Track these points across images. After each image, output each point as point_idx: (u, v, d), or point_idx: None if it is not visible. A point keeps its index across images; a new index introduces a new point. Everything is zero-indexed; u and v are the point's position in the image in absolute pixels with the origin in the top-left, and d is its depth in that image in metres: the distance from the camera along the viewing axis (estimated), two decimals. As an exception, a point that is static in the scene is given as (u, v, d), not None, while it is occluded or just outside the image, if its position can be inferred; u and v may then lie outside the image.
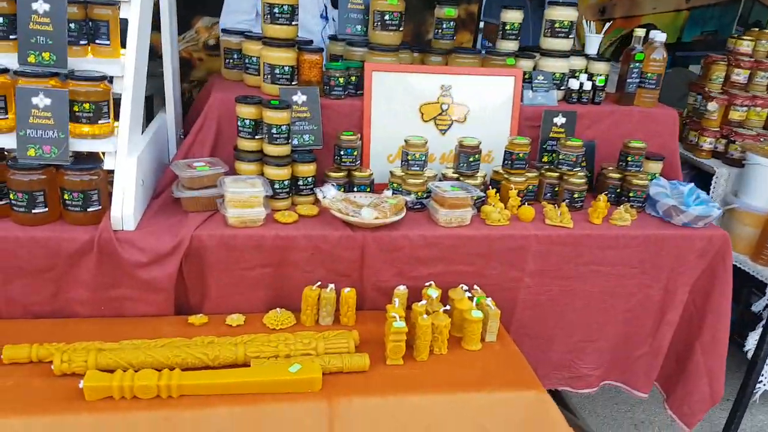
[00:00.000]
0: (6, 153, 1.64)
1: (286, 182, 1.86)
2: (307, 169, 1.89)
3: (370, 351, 1.59)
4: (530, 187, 2.10)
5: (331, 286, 1.71)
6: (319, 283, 1.73)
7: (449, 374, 1.58)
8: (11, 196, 1.58)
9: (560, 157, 2.09)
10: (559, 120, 2.18)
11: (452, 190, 1.88)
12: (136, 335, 1.57)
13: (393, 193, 1.92)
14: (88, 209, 1.63)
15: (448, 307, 1.67)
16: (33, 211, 1.59)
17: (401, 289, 1.76)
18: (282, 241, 1.71)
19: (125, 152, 1.65)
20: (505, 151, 2.08)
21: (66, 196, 1.61)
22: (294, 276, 1.75)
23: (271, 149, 1.83)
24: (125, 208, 1.63)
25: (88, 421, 1.31)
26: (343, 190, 1.94)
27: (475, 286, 1.84)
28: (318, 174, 1.93)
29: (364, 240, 1.77)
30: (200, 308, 1.73)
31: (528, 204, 2.02)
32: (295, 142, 1.92)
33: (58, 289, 1.62)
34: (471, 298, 1.76)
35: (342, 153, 1.94)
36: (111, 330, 1.59)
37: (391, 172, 2.01)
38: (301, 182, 1.90)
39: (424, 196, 1.96)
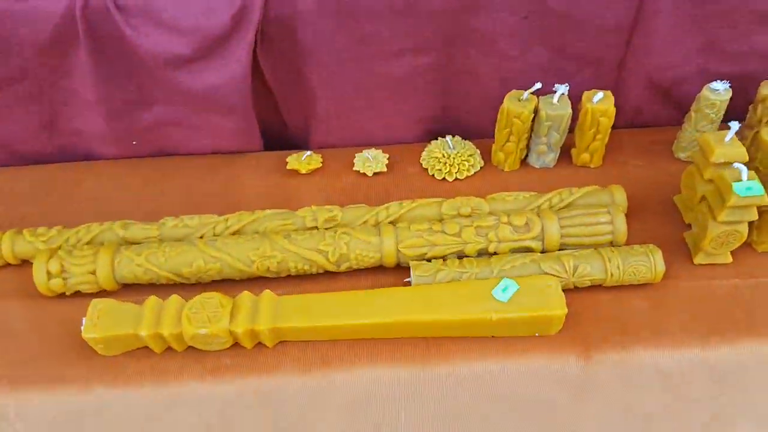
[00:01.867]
0: None
1: None
2: None
3: (649, 233, 0.75)
4: None
5: (562, 88, 0.79)
6: (538, 85, 0.80)
7: None
8: None
9: None
10: None
11: None
12: (194, 193, 0.86)
13: None
14: (57, -53, 0.78)
15: None
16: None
17: (721, 91, 0.79)
18: (455, -7, 0.77)
19: None
20: None
21: None
22: (478, 69, 0.85)
23: None
24: (126, -63, 0.76)
25: (106, 400, 0.66)
26: None
27: None
28: None
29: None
30: (306, 138, 0.93)
31: None
32: None
33: (53, 114, 0.89)
34: None
35: None
36: (151, 180, 0.89)
37: None
38: None
39: None
